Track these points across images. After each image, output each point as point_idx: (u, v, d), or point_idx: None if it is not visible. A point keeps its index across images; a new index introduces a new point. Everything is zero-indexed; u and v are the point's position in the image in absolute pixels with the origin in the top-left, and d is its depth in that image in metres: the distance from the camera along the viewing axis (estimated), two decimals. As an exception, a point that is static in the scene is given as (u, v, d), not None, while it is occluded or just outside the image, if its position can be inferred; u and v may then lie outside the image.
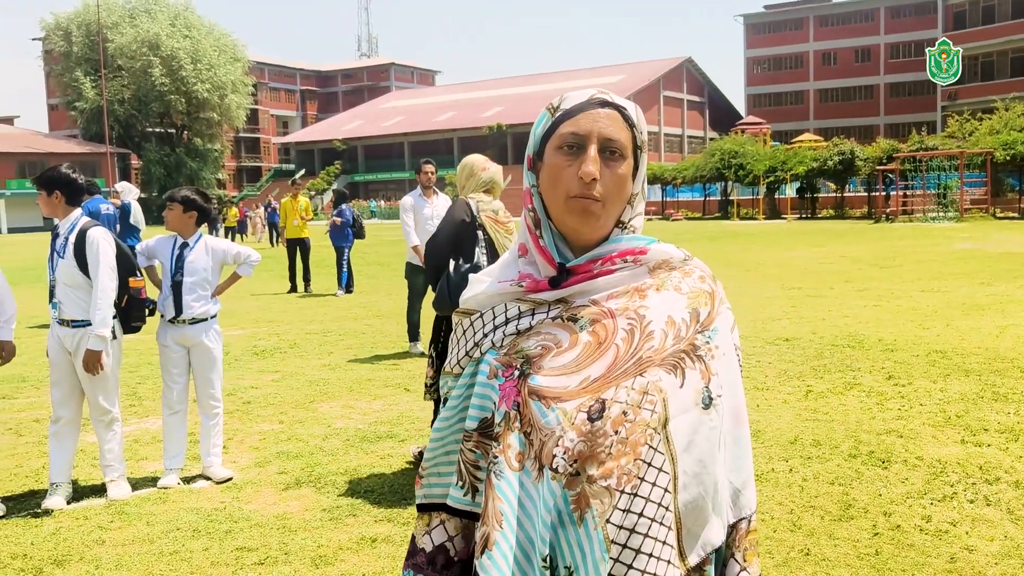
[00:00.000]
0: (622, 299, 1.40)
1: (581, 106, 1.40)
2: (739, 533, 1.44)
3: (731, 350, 1.45)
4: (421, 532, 1.51)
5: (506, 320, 1.43)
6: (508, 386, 1.38)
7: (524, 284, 1.42)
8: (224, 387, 7.01)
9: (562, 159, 1.38)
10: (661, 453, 1.31)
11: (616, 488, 1.29)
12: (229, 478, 5.13)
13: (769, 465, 5.04)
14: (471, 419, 1.44)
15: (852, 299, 12.17)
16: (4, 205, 60.64)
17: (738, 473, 1.43)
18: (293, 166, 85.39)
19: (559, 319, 1.40)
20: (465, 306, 1.50)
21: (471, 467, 1.44)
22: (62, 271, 4.71)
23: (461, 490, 1.46)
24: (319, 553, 4.00)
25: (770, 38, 77.55)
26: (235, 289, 15.35)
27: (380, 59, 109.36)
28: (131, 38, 67.12)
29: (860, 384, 6.99)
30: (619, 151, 1.38)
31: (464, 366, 1.47)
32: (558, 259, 1.41)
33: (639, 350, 1.35)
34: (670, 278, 1.43)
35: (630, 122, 1.41)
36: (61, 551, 4.12)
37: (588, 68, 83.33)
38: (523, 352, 1.39)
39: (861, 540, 3.97)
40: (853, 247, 22.32)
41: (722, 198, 49.13)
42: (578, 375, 1.34)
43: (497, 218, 4.94)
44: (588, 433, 1.30)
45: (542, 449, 1.32)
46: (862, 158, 39.55)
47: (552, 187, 1.39)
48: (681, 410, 1.34)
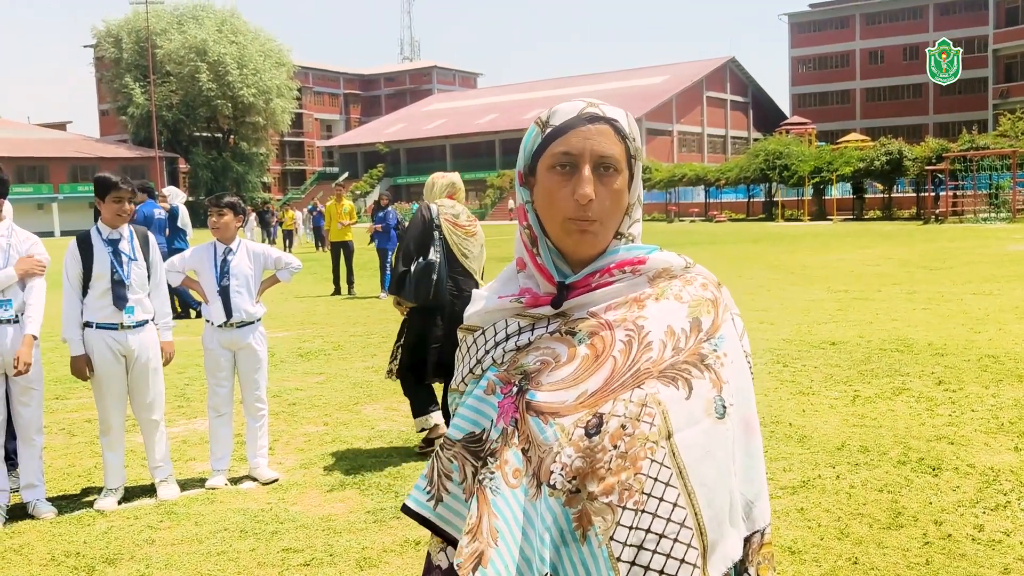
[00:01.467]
0: (620, 310, 1.37)
1: (571, 123, 1.36)
2: (753, 547, 1.40)
3: (741, 358, 1.41)
4: (436, 549, 1.49)
5: (506, 336, 1.41)
6: (507, 403, 1.36)
7: (524, 300, 1.41)
8: (270, 389, 7.10)
9: (556, 179, 1.35)
10: (667, 467, 1.28)
11: (618, 504, 1.25)
12: (275, 479, 5.19)
13: (815, 471, 4.97)
14: (457, 429, 1.42)
15: (900, 302, 11.96)
16: (57, 208, 62.10)
17: (750, 485, 1.39)
18: (337, 169, 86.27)
19: (557, 333, 1.38)
20: (469, 323, 1.49)
21: (443, 475, 1.43)
22: (136, 275, 4.81)
23: (426, 495, 1.44)
24: (363, 555, 4.03)
25: (815, 37, 76.58)
26: (280, 292, 15.56)
27: (422, 62, 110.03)
28: (179, 44, 68.32)
29: (909, 389, 6.87)
30: (613, 166, 1.35)
31: (468, 383, 1.46)
32: (557, 277, 1.39)
33: (637, 362, 1.32)
34: (670, 287, 1.40)
35: (622, 134, 1.37)
36: (112, 550, 4.20)
37: (630, 69, 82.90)
38: (522, 368, 1.37)
39: (911, 549, 3.89)
40: (901, 249, 21.94)
41: (766, 199, 48.60)
42: (575, 389, 1.32)
43: (457, 221, 5.52)
44: (586, 449, 1.27)
45: (540, 466, 1.30)
46: (910, 158, 38.86)
47: (547, 207, 1.37)
48: (689, 422, 1.30)
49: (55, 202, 62.61)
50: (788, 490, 4.68)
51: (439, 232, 5.46)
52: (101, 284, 4.73)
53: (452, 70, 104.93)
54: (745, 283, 15.12)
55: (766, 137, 52.41)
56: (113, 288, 4.73)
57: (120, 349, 4.78)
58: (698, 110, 74.33)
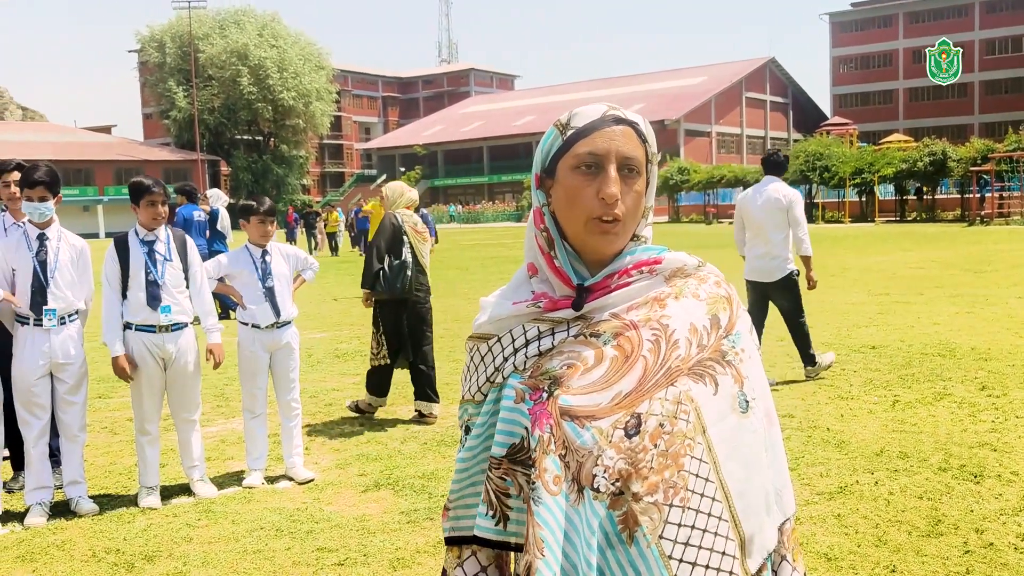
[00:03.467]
0: (642, 310, 1.38)
1: (595, 124, 1.37)
2: (785, 534, 1.43)
3: (755, 352, 1.43)
4: (452, 565, 1.49)
5: (526, 342, 1.40)
6: (538, 409, 1.35)
7: (541, 304, 1.40)
8: (307, 389, 7.18)
9: (580, 179, 1.35)
10: (705, 463, 1.30)
11: (664, 503, 1.26)
12: (311, 479, 5.24)
13: (853, 477, 4.90)
14: (499, 445, 1.40)
15: (943, 305, 11.75)
16: (102, 210, 63.28)
17: (777, 474, 1.42)
18: (375, 171, 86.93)
19: (581, 336, 1.37)
20: (480, 331, 1.47)
21: (500, 495, 1.41)
22: (170, 275, 4.87)
23: (492, 520, 1.42)
24: (397, 556, 4.06)
25: (857, 36, 75.62)
26: (318, 293, 15.70)
27: (460, 64, 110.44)
28: (221, 48, 69.30)
29: (951, 394, 6.75)
30: (636, 168, 1.36)
31: (485, 392, 1.44)
32: (575, 279, 1.39)
33: (667, 360, 1.33)
34: (687, 285, 1.41)
35: (643, 137, 1.39)
36: (151, 547, 4.27)
37: (669, 70, 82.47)
38: (549, 373, 1.36)
39: (951, 558, 3.83)
40: (945, 251, 21.56)
41: (806, 201, 48.03)
42: (609, 391, 1.32)
43: (416, 228, 6.62)
44: (627, 450, 1.28)
45: (580, 470, 1.29)
46: (955, 159, 38.15)
47: (569, 208, 1.37)
48: (719, 418, 1.32)
49: (100, 204, 63.80)
50: (825, 496, 4.63)
51: (406, 237, 6.49)
52: (137, 285, 4.80)
53: (489, 72, 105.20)
54: (784, 286, 14.95)
55: (806, 138, 51.81)
56: (147, 288, 4.78)
57: (158, 352, 4.85)
58: (737, 111, 73.73)
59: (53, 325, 4.66)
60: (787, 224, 7.28)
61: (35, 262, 4.65)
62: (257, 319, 5.21)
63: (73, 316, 4.79)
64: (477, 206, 68.11)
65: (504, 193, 72.45)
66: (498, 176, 75.14)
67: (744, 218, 7.50)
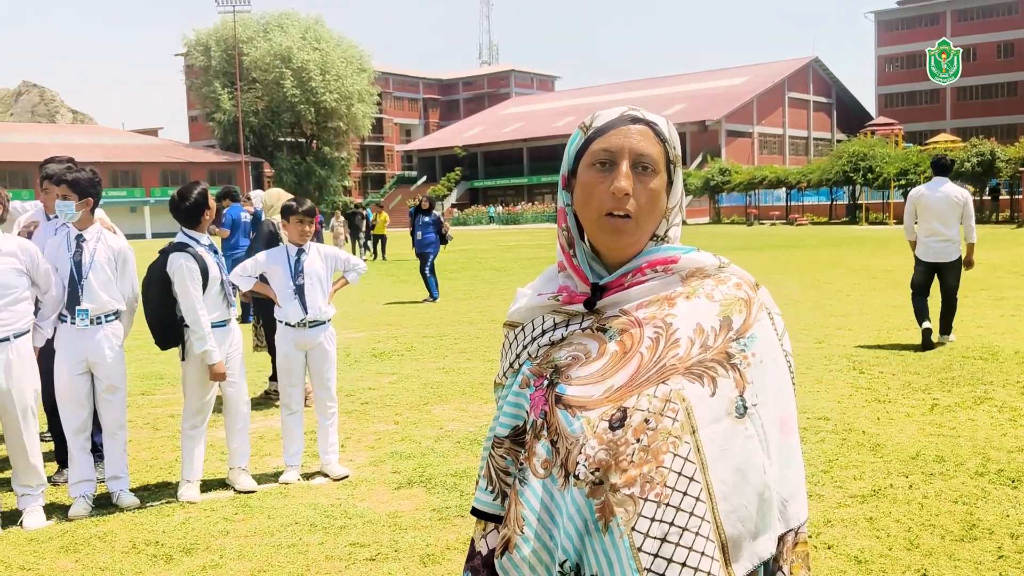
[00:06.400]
0: (651, 308, 1.40)
1: (612, 123, 1.41)
2: (786, 545, 1.41)
3: (775, 358, 1.42)
4: (479, 536, 1.55)
5: (542, 332, 1.47)
6: (537, 396, 1.42)
7: (560, 297, 1.46)
8: (343, 388, 7.28)
9: (595, 176, 1.40)
10: (692, 462, 1.30)
11: (640, 496, 1.29)
12: (346, 476, 5.33)
13: (887, 480, 4.86)
14: (502, 427, 1.49)
15: (987, 308, 11.55)
16: (149, 212, 64.46)
17: (785, 484, 1.40)
18: (415, 173, 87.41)
19: (589, 329, 1.42)
20: (511, 319, 1.55)
21: (500, 472, 1.49)
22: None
23: (490, 494, 1.50)
24: (427, 552, 4.11)
25: (903, 35, 74.39)
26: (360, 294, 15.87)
27: (500, 66, 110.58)
28: (265, 51, 70.17)
29: (992, 398, 6.64)
30: (651, 166, 1.39)
31: (508, 377, 1.52)
32: (592, 278, 1.43)
33: (663, 358, 1.35)
34: (703, 286, 1.42)
35: (662, 137, 1.42)
36: (190, 540, 4.38)
37: (709, 71, 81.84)
38: (553, 362, 1.42)
39: (984, 563, 3.78)
40: (991, 253, 21.13)
41: (850, 202, 47.36)
42: (603, 384, 1.36)
43: None
44: (609, 442, 1.31)
45: (567, 457, 1.34)
46: (1003, 159, 37.39)
47: (585, 204, 1.41)
48: (712, 419, 1.33)
49: (147, 205, 65.01)
50: (858, 499, 4.59)
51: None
52: (215, 287, 5.00)
53: (530, 73, 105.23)
54: (825, 288, 14.80)
55: (850, 139, 51.10)
56: (224, 287, 5.05)
57: (225, 346, 5.07)
58: (780, 111, 72.93)
59: (86, 325, 4.80)
60: (960, 217, 8.87)
61: (72, 263, 4.80)
62: (288, 316, 5.33)
63: (110, 317, 4.89)
64: (517, 207, 68.18)
65: (544, 194, 72.45)
66: (538, 177, 75.15)
67: (921, 211, 9.00)
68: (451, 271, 16.81)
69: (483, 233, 51.14)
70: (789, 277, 16.93)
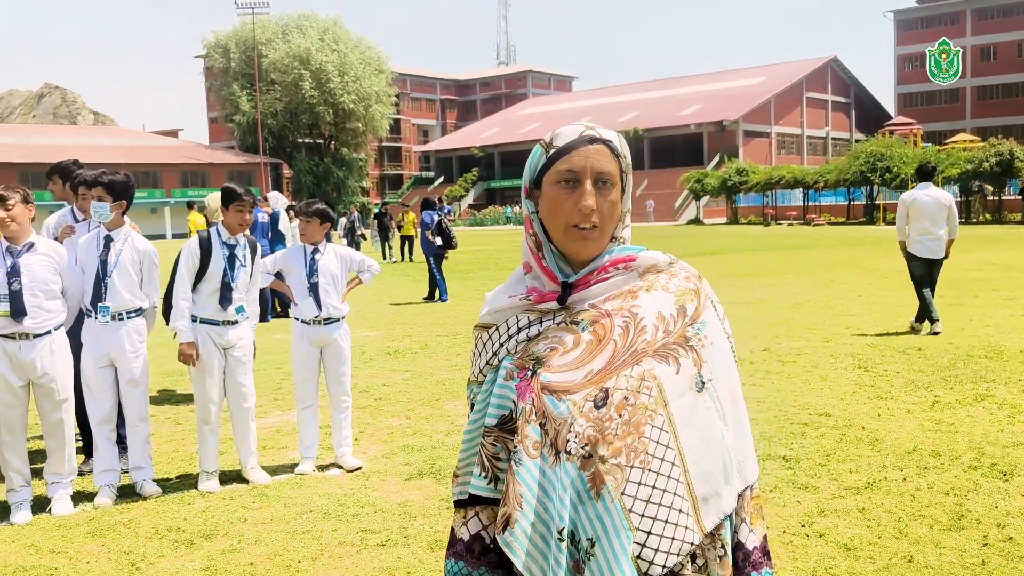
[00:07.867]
0: (616, 301, 1.60)
1: (573, 144, 1.60)
2: (745, 500, 1.62)
3: (721, 340, 1.63)
4: (459, 524, 1.72)
5: (518, 329, 1.65)
6: (523, 385, 1.59)
7: (532, 297, 1.64)
8: (358, 384, 7.48)
9: (560, 192, 1.59)
10: (666, 431, 1.51)
11: (626, 464, 1.48)
12: (359, 467, 5.53)
13: (882, 473, 5.00)
14: (490, 416, 1.65)
15: (997, 308, 11.62)
16: (169, 212, 65.12)
17: (739, 447, 1.61)
18: (432, 174, 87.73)
19: (563, 323, 1.61)
20: (483, 321, 1.73)
21: (492, 459, 1.65)
22: (242, 279, 5.30)
23: (485, 480, 1.66)
24: (435, 538, 4.30)
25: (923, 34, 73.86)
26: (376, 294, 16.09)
27: (517, 67, 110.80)
28: (283, 53, 70.67)
29: (993, 396, 6.76)
30: (610, 180, 1.59)
31: (486, 374, 1.69)
32: (561, 277, 1.62)
33: (634, 343, 1.55)
34: (658, 280, 1.62)
35: (616, 153, 1.61)
36: (209, 526, 4.59)
37: (727, 71, 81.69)
38: (534, 355, 1.60)
39: (969, 550, 3.93)
40: (1007, 254, 21.10)
41: (867, 202, 47.18)
42: (583, 369, 1.55)
43: None
44: (596, 419, 1.50)
45: (557, 437, 1.52)
46: (1022, 159, 37.18)
47: (553, 216, 1.60)
48: (678, 394, 1.53)
49: (167, 206, 65.67)
50: (852, 491, 4.74)
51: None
52: (211, 284, 5.19)
53: (547, 74, 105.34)
54: (837, 288, 14.87)
55: (868, 138, 50.90)
56: (222, 290, 5.21)
57: (221, 343, 5.23)
58: (797, 111, 72.70)
59: (106, 321, 5.04)
60: (947, 218, 9.94)
61: (98, 261, 5.04)
62: (302, 313, 5.54)
63: (132, 314, 5.12)
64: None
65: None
66: (555, 177, 75.02)
67: (913, 213, 9.95)
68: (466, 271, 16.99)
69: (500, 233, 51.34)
70: (801, 277, 17.00)
